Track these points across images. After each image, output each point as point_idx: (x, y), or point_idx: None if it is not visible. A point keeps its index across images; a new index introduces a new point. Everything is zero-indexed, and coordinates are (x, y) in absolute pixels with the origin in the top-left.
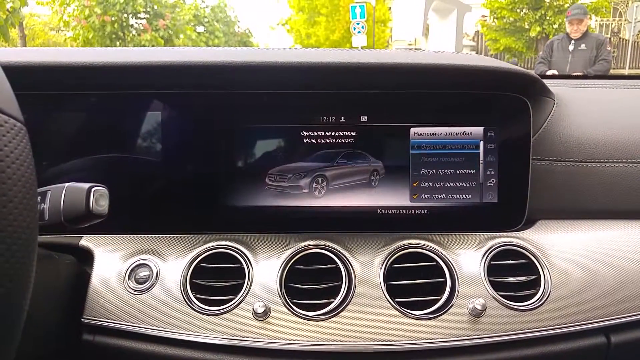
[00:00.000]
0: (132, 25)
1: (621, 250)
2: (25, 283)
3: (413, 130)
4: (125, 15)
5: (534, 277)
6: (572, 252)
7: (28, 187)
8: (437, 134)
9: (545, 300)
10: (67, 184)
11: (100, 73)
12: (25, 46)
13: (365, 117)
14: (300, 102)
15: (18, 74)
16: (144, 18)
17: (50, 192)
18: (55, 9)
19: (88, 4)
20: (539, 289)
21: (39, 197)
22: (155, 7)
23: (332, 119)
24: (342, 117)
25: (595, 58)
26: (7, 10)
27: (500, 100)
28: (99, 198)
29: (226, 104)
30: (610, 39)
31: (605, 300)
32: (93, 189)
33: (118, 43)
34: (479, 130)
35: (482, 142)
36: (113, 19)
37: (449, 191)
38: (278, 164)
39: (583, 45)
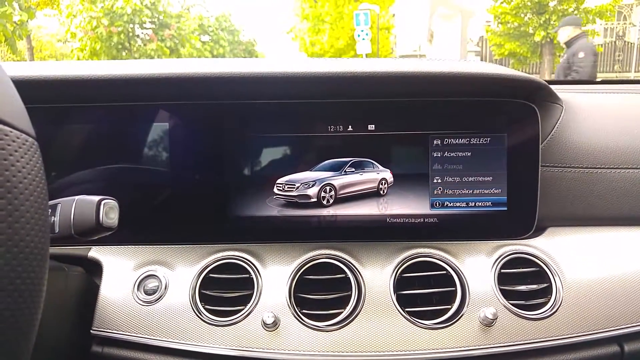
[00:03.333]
0: (138, 36)
1: (633, 257)
2: (38, 296)
3: (424, 138)
4: (132, 25)
5: (545, 285)
6: (583, 259)
7: (40, 202)
8: (445, 142)
9: (557, 308)
10: (77, 197)
11: (110, 86)
12: (33, 57)
13: (373, 126)
14: (308, 112)
15: (29, 87)
16: (150, 28)
17: (60, 205)
18: (62, 21)
19: (95, 15)
20: (551, 298)
21: (50, 210)
22: (161, 17)
23: (339, 128)
24: (350, 126)
25: (569, 69)
26: (15, 22)
27: (508, 107)
28: (109, 211)
29: (234, 114)
30: (615, 42)
31: (618, 309)
32: (103, 202)
33: (124, 53)
34: (488, 137)
35: (490, 150)
36: (120, 29)
37: (458, 199)
38: (286, 173)
39: (565, 56)
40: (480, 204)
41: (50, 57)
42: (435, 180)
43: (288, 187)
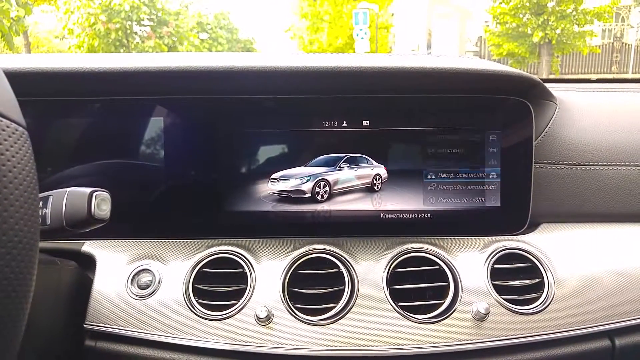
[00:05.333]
0: (136, 33)
1: (624, 254)
2: (26, 287)
3: (416, 134)
4: (130, 22)
5: (537, 280)
6: (575, 255)
7: (29, 192)
8: (439, 138)
9: (549, 303)
10: (68, 189)
11: (104, 79)
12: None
13: (368, 122)
14: (303, 107)
15: (22, 80)
16: (148, 25)
17: (52, 196)
18: (59, 17)
19: (93, 11)
20: (543, 293)
21: (41, 202)
22: (159, 14)
23: (334, 124)
24: (345, 122)
25: None
26: (12, 18)
27: (503, 104)
28: (101, 202)
29: (229, 109)
30: (612, 43)
31: (609, 304)
32: (95, 194)
33: (122, 50)
34: (482, 134)
35: (484, 146)
36: (117, 26)
37: (452, 195)
38: (280, 168)
39: None
40: (473, 199)
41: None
42: (429, 176)
43: (282, 182)
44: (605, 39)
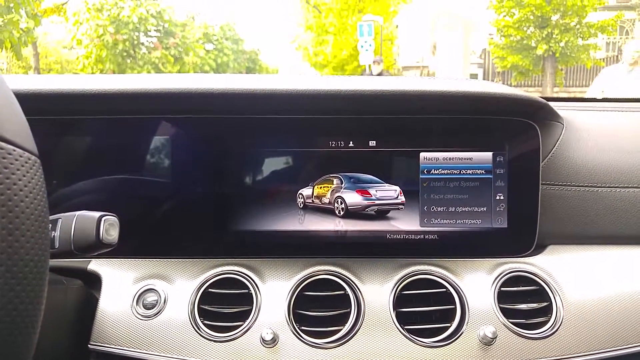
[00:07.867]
0: (143, 44)
1: (634, 277)
2: (36, 315)
3: (422, 155)
4: (137, 34)
5: (545, 304)
6: (584, 278)
7: (40, 221)
8: (446, 159)
9: (558, 328)
10: (77, 213)
11: (114, 99)
12: (38, 63)
13: (374, 142)
14: (310, 127)
15: (32, 100)
16: (155, 37)
17: (61, 220)
18: (69, 29)
19: (102, 23)
20: (551, 317)
21: (50, 225)
22: (166, 25)
23: (340, 144)
24: (351, 142)
25: None
26: (22, 29)
27: (509, 126)
28: (109, 228)
29: (236, 129)
30: (617, 56)
31: (619, 329)
32: (103, 219)
33: (129, 60)
34: (488, 155)
35: (491, 167)
36: (125, 37)
37: (459, 216)
38: (286, 187)
39: None
40: (480, 221)
41: (55, 64)
42: (436, 197)
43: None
44: (610, 52)
